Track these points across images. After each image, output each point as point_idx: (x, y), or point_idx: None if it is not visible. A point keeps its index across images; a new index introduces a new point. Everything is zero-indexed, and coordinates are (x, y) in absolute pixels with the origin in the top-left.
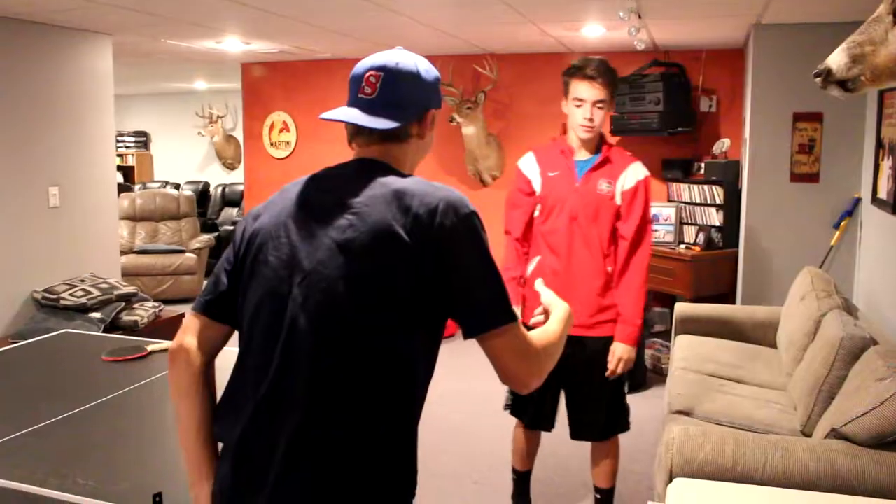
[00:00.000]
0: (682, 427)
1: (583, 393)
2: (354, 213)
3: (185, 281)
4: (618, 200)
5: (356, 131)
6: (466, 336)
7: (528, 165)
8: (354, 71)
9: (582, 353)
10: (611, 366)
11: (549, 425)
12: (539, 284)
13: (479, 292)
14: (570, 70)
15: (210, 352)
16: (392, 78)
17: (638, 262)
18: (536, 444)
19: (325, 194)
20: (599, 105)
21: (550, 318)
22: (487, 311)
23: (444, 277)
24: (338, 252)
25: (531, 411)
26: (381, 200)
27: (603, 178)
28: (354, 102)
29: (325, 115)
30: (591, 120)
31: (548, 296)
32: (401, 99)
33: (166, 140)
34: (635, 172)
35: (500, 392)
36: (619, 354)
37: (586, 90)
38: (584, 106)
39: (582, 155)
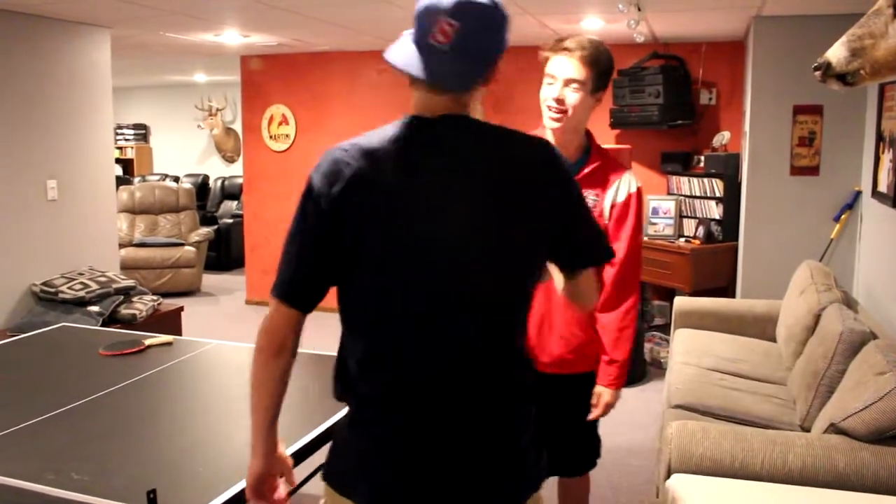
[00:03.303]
0: (680, 422)
1: (556, 430)
2: (491, 173)
3: (184, 274)
4: (605, 218)
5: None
6: (575, 269)
7: None
8: (426, 6)
9: (559, 392)
10: (595, 411)
11: None
12: None
13: (594, 230)
14: (550, 45)
15: (299, 338)
16: (470, 29)
17: (623, 289)
18: None
19: (439, 155)
20: (574, 86)
21: None
22: (600, 245)
23: (570, 222)
24: (493, 210)
25: None
26: (510, 158)
27: (589, 190)
28: (424, 48)
29: (394, 62)
30: (559, 101)
31: None
32: (476, 51)
33: (166, 133)
34: (628, 184)
35: None
36: (606, 399)
37: (558, 65)
38: (554, 84)
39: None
